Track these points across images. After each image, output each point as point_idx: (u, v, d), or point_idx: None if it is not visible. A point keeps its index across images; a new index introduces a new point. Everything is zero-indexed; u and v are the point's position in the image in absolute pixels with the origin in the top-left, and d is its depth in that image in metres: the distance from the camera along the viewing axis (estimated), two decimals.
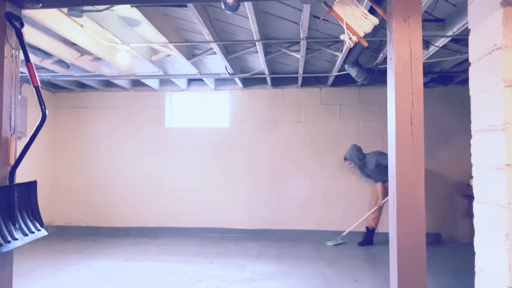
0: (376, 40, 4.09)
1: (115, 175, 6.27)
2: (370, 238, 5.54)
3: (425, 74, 5.28)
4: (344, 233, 5.58)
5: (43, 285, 3.74)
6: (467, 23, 1.82)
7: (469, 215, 1.61)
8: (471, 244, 1.74)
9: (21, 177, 2.31)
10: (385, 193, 5.45)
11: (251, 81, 6.03)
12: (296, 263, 4.52)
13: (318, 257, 4.80)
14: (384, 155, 5.35)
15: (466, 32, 2.04)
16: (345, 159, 5.61)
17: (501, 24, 1.46)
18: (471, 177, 1.71)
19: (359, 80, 4.71)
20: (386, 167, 5.33)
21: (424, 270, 1.89)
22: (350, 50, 4.02)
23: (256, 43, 4.00)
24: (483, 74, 1.60)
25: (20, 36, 2.24)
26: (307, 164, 6.01)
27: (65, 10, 3.27)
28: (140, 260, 4.65)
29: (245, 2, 2.83)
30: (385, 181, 5.45)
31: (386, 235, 5.75)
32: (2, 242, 1.98)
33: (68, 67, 5.12)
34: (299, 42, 4.11)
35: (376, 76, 4.71)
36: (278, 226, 5.96)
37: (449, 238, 5.67)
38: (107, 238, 5.82)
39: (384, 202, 5.48)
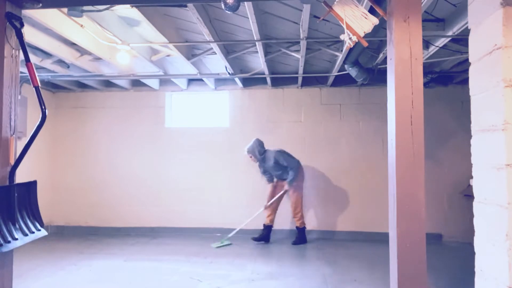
0: (376, 40, 4.09)
1: (115, 175, 6.27)
2: (267, 235, 5.60)
3: (425, 74, 5.28)
4: (230, 234, 5.57)
5: (43, 285, 3.74)
6: (467, 23, 1.82)
7: (469, 215, 1.61)
8: (471, 244, 1.74)
9: (21, 177, 2.31)
10: (275, 193, 5.59)
11: (251, 81, 6.03)
12: (296, 263, 4.52)
13: (318, 257, 4.80)
14: (283, 154, 5.46)
15: (466, 32, 2.04)
16: (247, 152, 5.56)
17: (501, 24, 1.46)
18: (471, 177, 1.71)
19: (359, 80, 4.71)
20: (283, 167, 5.40)
21: (424, 270, 1.89)
22: (350, 50, 4.01)
23: (256, 43, 4.00)
24: (483, 74, 1.60)
25: (20, 36, 2.24)
26: (307, 164, 6.00)
27: (65, 10, 3.26)
28: (140, 260, 4.65)
29: (245, 2, 2.83)
30: (283, 179, 5.54)
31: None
32: (2, 242, 1.98)
33: (68, 67, 5.12)
34: (299, 42, 4.11)
35: (376, 76, 4.71)
36: (278, 226, 5.95)
37: (449, 238, 5.67)
38: (107, 238, 5.82)
39: (272, 202, 5.58)
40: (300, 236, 5.56)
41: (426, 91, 2.47)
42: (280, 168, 5.50)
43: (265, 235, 5.61)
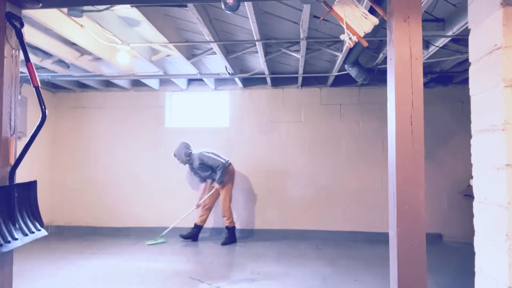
0: (376, 40, 4.09)
1: (115, 175, 6.26)
2: (195, 235, 5.69)
3: (425, 74, 5.28)
4: (163, 233, 5.65)
5: (43, 285, 3.74)
6: (467, 23, 1.82)
7: (469, 215, 1.62)
8: (471, 244, 1.74)
9: (21, 177, 2.31)
10: (204, 194, 5.70)
11: (251, 81, 6.03)
12: (296, 263, 4.52)
13: (318, 257, 4.80)
14: (206, 155, 5.52)
15: (466, 32, 2.04)
16: (174, 155, 5.66)
17: (501, 24, 1.46)
18: (471, 177, 1.71)
19: (359, 80, 4.71)
20: (209, 167, 5.47)
21: (424, 270, 1.89)
22: (350, 50, 4.01)
23: (256, 43, 4.00)
24: (483, 74, 1.60)
25: (20, 36, 2.24)
26: (307, 164, 6.01)
27: (65, 10, 3.27)
28: (140, 260, 4.65)
29: (245, 2, 2.83)
30: (213, 179, 5.59)
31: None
32: (2, 242, 1.98)
33: (68, 67, 5.12)
34: (299, 42, 4.11)
35: (376, 76, 4.71)
36: (278, 226, 5.96)
37: (449, 238, 5.67)
38: (107, 238, 5.82)
39: (204, 201, 5.68)
40: (229, 236, 5.57)
41: (426, 91, 2.48)
42: (208, 169, 5.56)
43: (194, 234, 5.68)
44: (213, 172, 5.56)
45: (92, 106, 6.39)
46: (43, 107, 2.18)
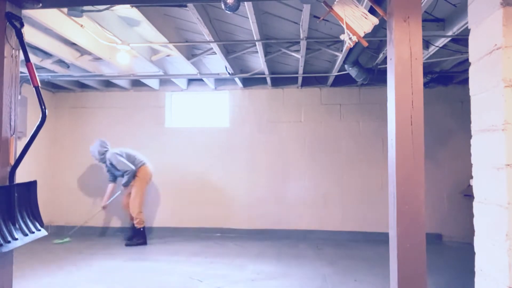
0: (376, 40, 4.09)
1: None
2: (142, 238, 5.46)
3: (425, 74, 5.28)
4: (71, 232, 5.68)
5: (43, 285, 3.74)
6: (467, 23, 1.82)
7: (469, 215, 1.63)
8: (471, 244, 1.74)
9: (21, 177, 2.31)
10: (110, 195, 5.62)
11: (251, 81, 6.03)
12: (296, 263, 4.52)
13: (318, 257, 4.80)
14: (116, 158, 5.39)
15: (466, 32, 2.04)
16: (90, 152, 5.60)
17: (501, 24, 1.46)
18: (471, 177, 1.71)
19: (359, 80, 4.71)
20: (118, 170, 5.37)
21: (424, 270, 1.89)
22: (350, 50, 4.02)
23: (256, 43, 4.00)
24: (483, 74, 1.60)
25: (20, 36, 2.24)
26: (307, 164, 6.01)
27: (65, 10, 3.27)
28: (140, 260, 4.65)
29: (245, 2, 2.83)
30: (124, 184, 5.47)
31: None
32: (2, 242, 1.98)
33: (68, 67, 5.12)
34: (299, 42, 4.11)
35: (376, 76, 4.71)
36: (278, 226, 5.96)
37: (449, 238, 5.67)
38: (107, 238, 5.82)
39: (108, 204, 5.69)
40: (136, 236, 5.42)
41: (426, 91, 2.48)
42: (115, 171, 5.51)
43: (141, 238, 5.46)
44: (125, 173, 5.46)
45: (92, 106, 6.39)
46: (43, 107, 2.18)
